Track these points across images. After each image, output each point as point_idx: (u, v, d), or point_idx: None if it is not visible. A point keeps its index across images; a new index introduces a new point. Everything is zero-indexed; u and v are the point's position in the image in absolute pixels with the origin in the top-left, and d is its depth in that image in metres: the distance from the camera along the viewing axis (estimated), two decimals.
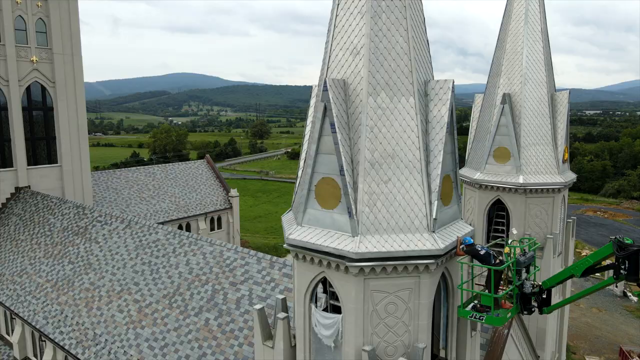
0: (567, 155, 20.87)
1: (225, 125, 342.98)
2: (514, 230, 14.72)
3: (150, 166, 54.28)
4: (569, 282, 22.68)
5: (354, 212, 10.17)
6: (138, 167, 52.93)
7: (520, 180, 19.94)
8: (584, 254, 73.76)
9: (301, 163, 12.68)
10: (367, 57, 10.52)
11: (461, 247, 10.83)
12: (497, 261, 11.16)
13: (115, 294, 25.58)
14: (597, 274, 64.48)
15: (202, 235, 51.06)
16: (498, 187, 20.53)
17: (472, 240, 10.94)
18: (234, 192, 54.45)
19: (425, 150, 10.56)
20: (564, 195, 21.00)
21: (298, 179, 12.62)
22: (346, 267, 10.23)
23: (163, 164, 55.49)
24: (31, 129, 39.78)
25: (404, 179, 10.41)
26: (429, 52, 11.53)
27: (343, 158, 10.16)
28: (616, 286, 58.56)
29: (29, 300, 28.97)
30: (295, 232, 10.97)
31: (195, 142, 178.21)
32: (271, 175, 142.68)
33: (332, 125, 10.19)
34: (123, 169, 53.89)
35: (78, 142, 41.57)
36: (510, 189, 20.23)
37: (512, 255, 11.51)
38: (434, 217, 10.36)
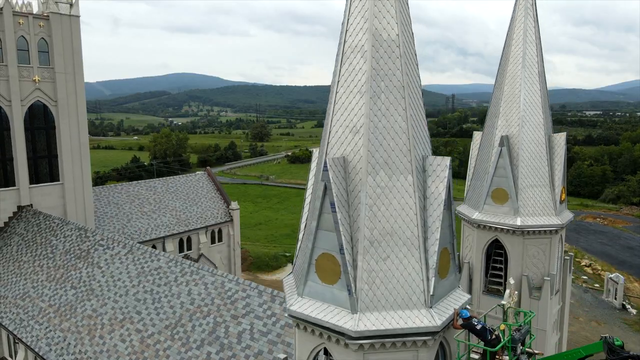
0: (564, 196, 21.15)
1: (225, 126, 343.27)
2: (511, 280, 15.01)
3: (151, 180, 54.59)
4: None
5: (353, 290, 10.44)
6: (139, 182, 53.24)
7: (518, 222, 20.23)
8: (583, 263, 73.95)
9: (302, 226, 12.94)
10: (366, 136, 10.77)
11: (458, 319, 11.09)
12: (493, 336, 11.43)
13: (117, 322, 25.83)
14: (596, 285, 64.84)
15: (202, 248, 51.72)
16: (496, 228, 20.83)
17: (468, 313, 11.20)
18: (234, 204, 54.72)
19: (423, 226, 10.82)
20: (561, 235, 21.28)
21: (299, 242, 12.88)
22: (346, 343, 10.51)
23: (164, 177, 55.82)
24: (33, 147, 40.05)
25: (402, 255, 10.68)
26: (426, 127, 11.78)
27: (343, 237, 10.43)
28: (615, 298, 58.88)
29: (32, 325, 29.24)
30: (297, 303, 11.24)
31: (195, 146, 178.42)
32: (271, 180, 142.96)
33: (332, 204, 10.45)
34: (124, 183, 54.25)
35: (80, 159, 41.87)
36: (508, 230, 20.52)
37: (507, 332, 11.78)
38: (431, 293, 10.62)
